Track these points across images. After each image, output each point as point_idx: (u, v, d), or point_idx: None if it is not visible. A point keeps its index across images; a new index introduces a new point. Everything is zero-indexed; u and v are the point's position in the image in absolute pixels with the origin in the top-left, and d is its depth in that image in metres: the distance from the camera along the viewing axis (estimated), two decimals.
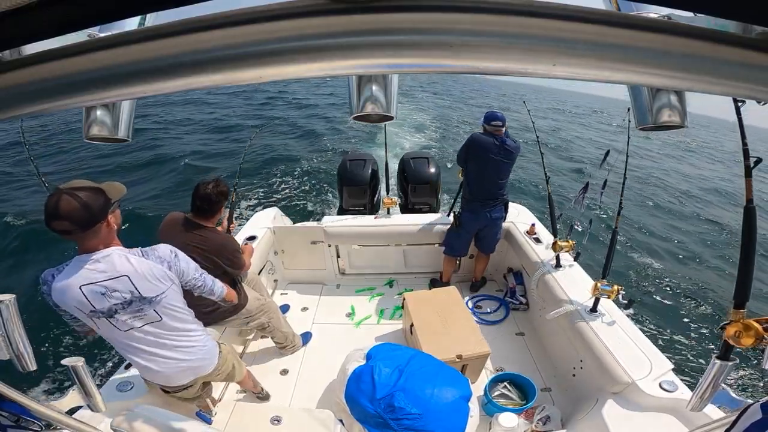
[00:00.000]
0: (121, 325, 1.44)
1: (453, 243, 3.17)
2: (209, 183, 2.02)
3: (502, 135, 2.81)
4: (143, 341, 1.52)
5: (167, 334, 1.56)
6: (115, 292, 1.37)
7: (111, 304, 1.37)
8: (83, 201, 1.24)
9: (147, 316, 1.47)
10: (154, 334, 1.53)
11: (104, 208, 1.31)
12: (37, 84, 0.37)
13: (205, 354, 1.72)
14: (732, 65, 0.34)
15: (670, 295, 5.28)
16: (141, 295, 1.41)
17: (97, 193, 1.29)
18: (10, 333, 0.81)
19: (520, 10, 0.32)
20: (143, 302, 1.43)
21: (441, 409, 1.80)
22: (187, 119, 13.94)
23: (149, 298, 1.43)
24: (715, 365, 1.25)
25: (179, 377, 1.68)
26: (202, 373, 1.74)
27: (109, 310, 1.38)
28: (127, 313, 1.42)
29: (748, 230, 1.47)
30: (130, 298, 1.40)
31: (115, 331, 1.46)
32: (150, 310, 1.46)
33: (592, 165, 9.50)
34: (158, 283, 1.45)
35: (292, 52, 0.34)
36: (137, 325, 1.47)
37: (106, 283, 1.35)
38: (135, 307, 1.42)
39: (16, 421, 0.85)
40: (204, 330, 1.76)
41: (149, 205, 6.63)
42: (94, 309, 1.37)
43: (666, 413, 1.73)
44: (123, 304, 1.39)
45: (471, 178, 2.98)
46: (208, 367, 1.74)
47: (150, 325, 1.50)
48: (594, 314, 2.27)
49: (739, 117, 1.45)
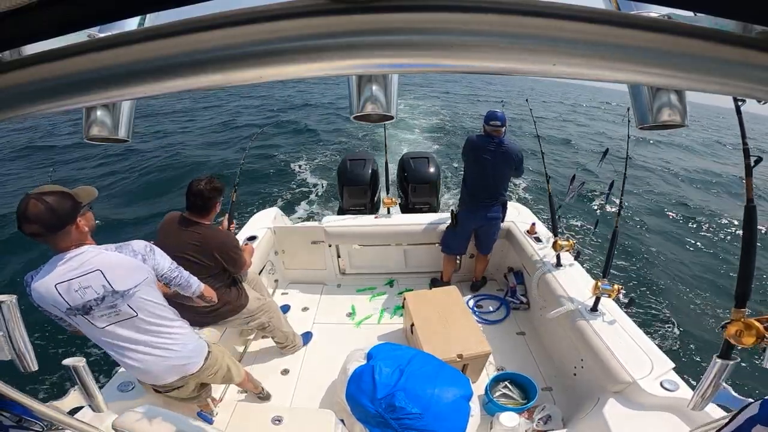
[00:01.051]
0: (97, 322, 1.46)
1: (449, 242, 3.17)
2: (202, 180, 2.03)
3: (501, 135, 2.81)
4: (122, 338, 1.54)
5: (145, 331, 1.57)
6: (88, 288, 1.39)
7: (85, 300, 1.40)
8: (50, 205, 1.28)
9: (122, 312, 1.48)
10: (132, 330, 1.54)
11: (73, 211, 1.35)
12: (37, 84, 0.37)
13: (189, 353, 1.72)
14: (732, 65, 0.34)
15: (670, 295, 5.28)
16: (113, 289, 1.43)
17: (65, 197, 1.34)
18: (12, 333, 0.81)
19: (520, 10, 0.32)
20: (116, 296, 1.44)
21: (442, 409, 1.80)
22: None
23: (122, 292, 1.45)
24: (716, 364, 1.25)
25: (164, 376, 1.68)
26: (187, 372, 1.74)
27: (84, 306, 1.40)
28: (101, 310, 1.44)
29: (748, 229, 1.47)
30: (103, 293, 1.42)
31: (94, 329, 1.48)
32: (124, 305, 1.47)
33: (591, 160, 9.53)
34: (131, 274, 1.47)
35: (292, 52, 0.34)
36: (113, 320, 1.48)
37: (79, 279, 1.38)
38: (108, 303, 1.44)
39: (18, 421, 0.85)
40: (190, 330, 1.76)
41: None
42: (69, 306, 1.39)
43: (667, 412, 1.73)
44: (96, 300, 1.41)
45: (467, 178, 3.00)
46: (192, 366, 1.74)
47: (126, 321, 1.51)
48: (595, 313, 2.27)
49: (740, 116, 1.45)
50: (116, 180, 8.27)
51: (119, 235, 5.87)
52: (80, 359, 1.03)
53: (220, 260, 2.08)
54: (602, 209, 6.32)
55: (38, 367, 0.87)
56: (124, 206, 7.09)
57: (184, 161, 9.35)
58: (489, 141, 2.81)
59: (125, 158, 9.46)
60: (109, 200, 7.24)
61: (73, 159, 9.64)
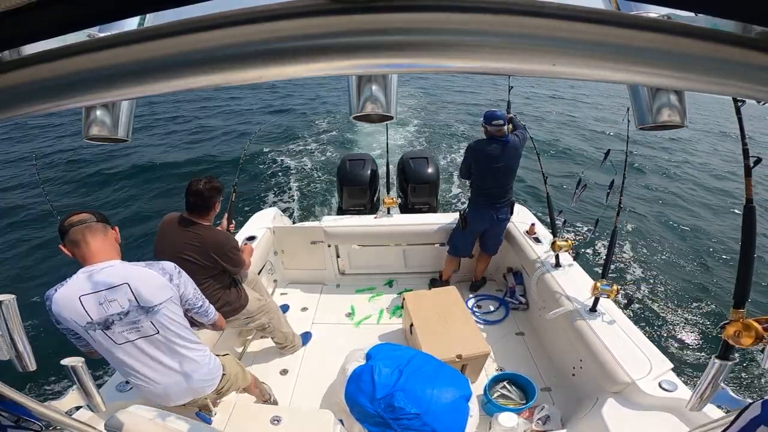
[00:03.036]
0: (117, 338, 1.43)
1: (457, 243, 3.16)
2: (201, 180, 2.02)
3: (505, 134, 2.77)
4: (139, 357, 1.51)
5: (164, 351, 1.55)
6: (114, 302, 1.37)
7: (108, 314, 1.38)
8: (93, 211, 1.45)
9: (143, 328, 1.45)
10: (151, 349, 1.51)
11: (106, 219, 1.46)
12: (37, 84, 0.37)
13: (205, 375, 1.70)
14: (732, 65, 0.34)
15: (669, 295, 5.28)
16: (139, 304, 1.41)
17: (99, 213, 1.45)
18: (11, 333, 0.81)
19: (520, 10, 0.32)
20: (140, 312, 1.42)
21: (441, 409, 1.80)
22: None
23: (147, 308, 1.43)
24: (714, 365, 1.25)
25: (178, 397, 1.66)
26: (201, 394, 1.72)
27: (105, 321, 1.38)
28: (123, 325, 1.41)
29: (747, 230, 1.47)
30: (128, 308, 1.40)
31: (112, 345, 1.45)
32: (147, 321, 1.45)
33: (592, 163, 9.51)
34: (158, 291, 1.46)
35: (292, 52, 0.34)
36: (132, 338, 1.46)
37: (105, 292, 1.36)
38: (132, 318, 1.42)
39: (16, 421, 0.85)
40: (209, 352, 1.74)
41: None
42: (90, 320, 1.37)
43: (666, 413, 1.73)
44: (120, 314, 1.39)
45: (477, 182, 2.96)
46: (207, 389, 1.73)
47: (146, 339, 1.48)
48: (594, 314, 2.27)
49: (739, 117, 1.45)
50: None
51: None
52: (79, 359, 1.03)
53: (218, 261, 2.07)
54: (602, 208, 6.34)
55: (36, 367, 0.86)
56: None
57: (184, 162, 9.34)
58: (495, 144, 2.77)
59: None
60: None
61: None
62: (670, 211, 8.31)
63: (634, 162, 10.61)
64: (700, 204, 9.03)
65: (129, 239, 5.78)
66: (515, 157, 2.83)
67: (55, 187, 7.81)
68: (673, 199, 9.19)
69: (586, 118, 16.73)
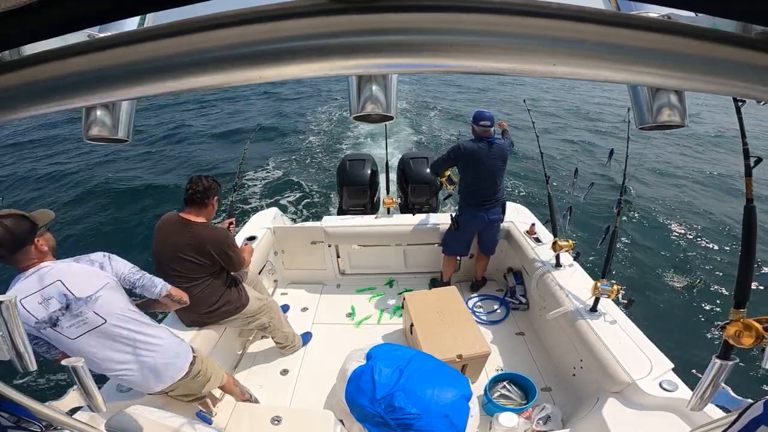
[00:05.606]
0: (69, 333, 1.47)
1: (450, 243, 3.17)
2: (199, 177, 2.05)
3: (491, 135, 2.81)
4: (100, 350, 1.55)
5: (118, 338, 1.58)
6: (51, 299, 1.43)
7: (50, 312, 1.43)
8: (8, 227, 1.37)
9: (89, 320, 1.49)
10: (106, 338, 1.55)
11: (30, 233, 1.43)
12: (37, 84, 0.37)
13: (172, 358, 1.73)
14: (732, 65, 0.34)
15: (669, 295, 5.28)
16: (75, 296, 1.46)
17: (22, 220, 1.42)
18: (11, 333, 0.81)
19: (520, 10, 0.32)
20: (80, 303, 1.47)
21: (441, 409, 1.80)
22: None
23: (84, 298, 1.48)
24: (715, 365, 1.25)
25: (149, 383, 1.68)
26: (175, 378, 1.74)
27: (50, 319, 1.43)
28: (69, 319, 1.46)
29: (748, 229, 1.47)
30: (66, 302, 1.45)
31: (70, 343, 1.49)
32: (89, 311, 1.49)
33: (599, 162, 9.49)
34: (91, 281, 1.51)
35: (292, 52, 0.34)
36: (83, 331, 1.49)
37: (41, 292, 1.43)
38: (74, 311, 1.46)
39: (17, 421, 0.85)
40: (170, 336, 1.76)
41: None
42: (37, 320, 1.42)
43: (666, 413, 1.73)
44: (61, 309, 1.44)
45: (466, 183, 2.97)
46: (179, 372, 1.74)
47: (96, 330, 1.52)
48: (594, 314, 2.27)
49: (740, 117, 1.45)
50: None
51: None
52: (79, 359, 1.02)
53: (216, 258, 2.07)
54: (602, 209, 6.35)
55: (37, 367, 0.86)
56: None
57: (185, 162, 9.35)
58: (482, 143, 2.81)
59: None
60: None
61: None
62: (670, 210, 8.30)
63: (635, 162, 10.61)
64: (700, 204, 9.02)
65: (130, 239, 5.79)
66: (501, 158, 2.86)
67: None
68: (673, 199, 9.18)
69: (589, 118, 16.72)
